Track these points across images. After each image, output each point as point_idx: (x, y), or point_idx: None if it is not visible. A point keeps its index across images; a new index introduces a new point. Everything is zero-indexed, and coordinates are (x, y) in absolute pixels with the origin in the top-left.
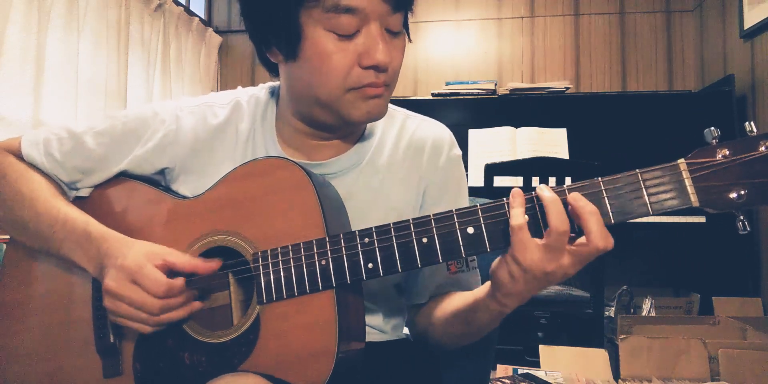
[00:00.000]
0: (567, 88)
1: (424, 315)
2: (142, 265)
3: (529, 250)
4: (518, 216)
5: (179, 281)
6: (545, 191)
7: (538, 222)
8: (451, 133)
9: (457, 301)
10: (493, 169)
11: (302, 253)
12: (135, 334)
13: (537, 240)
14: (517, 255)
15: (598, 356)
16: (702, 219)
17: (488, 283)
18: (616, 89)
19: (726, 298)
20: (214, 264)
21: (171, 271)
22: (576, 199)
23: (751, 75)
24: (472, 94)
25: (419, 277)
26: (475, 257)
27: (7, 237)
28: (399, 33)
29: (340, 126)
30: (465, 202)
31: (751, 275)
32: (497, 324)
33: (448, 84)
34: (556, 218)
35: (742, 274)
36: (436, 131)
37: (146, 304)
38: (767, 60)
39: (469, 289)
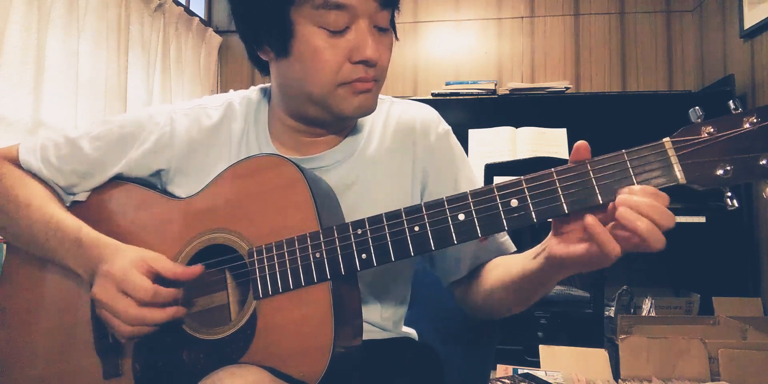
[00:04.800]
0: (567, 88)
1: (472, 289)
2: (126, 271)
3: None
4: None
5: (168, 290)
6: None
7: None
8: (436, 112)
9: (505, 274)
10: (493, 169)
11: (296, 246)
12: None
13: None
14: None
15: (598, 356)
16: (702, 219)
17: (532, 253)
18: (616, 89)
19: (726, 298)
20: (196, 269)
21: (160, 279)
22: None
23: (751, 75)
24: (472, 94)
25: (448, 254)
26: None
27: None
28: (387, 30)
29: (331, 122)
30: (469, 172)
31: (751, 275)
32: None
33: (448, 84)
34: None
35: (742, 274)
36: (421, 112)
37: (123, 313)
38: (767, 60)
39: (506, 251)
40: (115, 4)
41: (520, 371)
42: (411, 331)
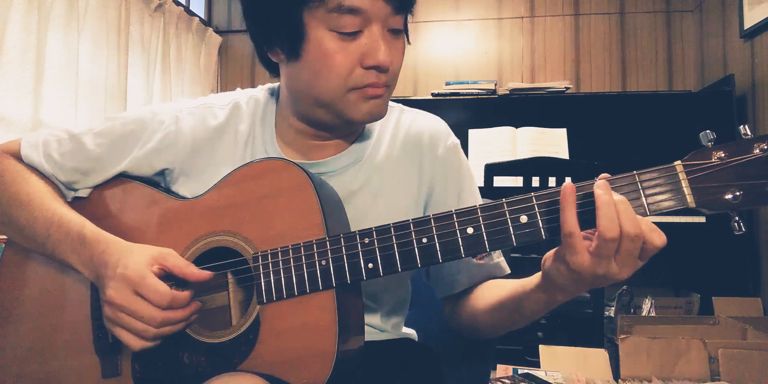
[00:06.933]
0: (567, 88)
1: (465, 307)
2: (143, 275)
3: (579, 254)
4: (572, 223)
5: (184, 293)
6: (602, 193)
7: (590, 218)
8: (446, 124)
9: (500, 290)
10: (493, 169)
11: (302, 253)
12: None
13: (588, 242)
14: (566, 257)
15: (598, 356)
16: (702, 219)
17: (538, 275)
18: (616, 89)
19: (726, 298)
20: (205, 274)
21: (170, 276)
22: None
23: (751, 75)
24: (472, 94)
25: (444, 269)
26: None
27: (5, 237)
28: (400, 34)
29: (340, 126)
30: (473, 187)
31: (751, 275)
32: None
33: (448, 84)
34: (606, 224)
35: (742, 274)
36: (431, 124)
37: (148, 316)
38: (767, 60)
39: (503, 272)
40: (115, 4)
41: (520, 371)
42: (411, 332)
